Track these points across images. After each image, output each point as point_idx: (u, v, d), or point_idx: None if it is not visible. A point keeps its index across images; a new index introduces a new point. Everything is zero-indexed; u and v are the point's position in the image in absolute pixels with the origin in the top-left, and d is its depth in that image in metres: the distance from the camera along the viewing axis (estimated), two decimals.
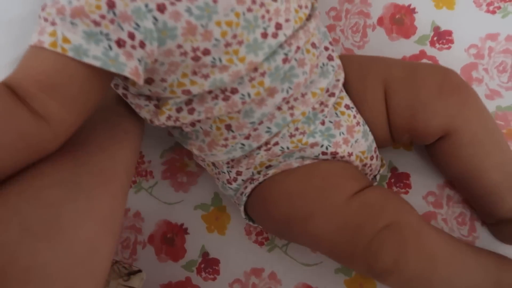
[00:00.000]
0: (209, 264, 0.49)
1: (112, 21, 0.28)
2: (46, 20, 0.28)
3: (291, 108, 0.39)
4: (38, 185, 0.28)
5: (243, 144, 0.39)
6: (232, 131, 0.38)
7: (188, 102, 0.36)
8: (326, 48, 0.43)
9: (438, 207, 0.48)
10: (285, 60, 0.36)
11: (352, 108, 0.43)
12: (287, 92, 0.37)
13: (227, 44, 0.33)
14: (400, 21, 0.54)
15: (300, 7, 0.38)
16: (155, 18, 0.29)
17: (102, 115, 0.37)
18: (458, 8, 0.53)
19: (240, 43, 0.33)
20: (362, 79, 0.44)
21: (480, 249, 0.42)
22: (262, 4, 0.33)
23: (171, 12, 0.29)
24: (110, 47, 0.28)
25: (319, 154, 0.41)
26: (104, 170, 0.33)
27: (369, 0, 0.55)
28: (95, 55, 0.28)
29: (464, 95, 0.42)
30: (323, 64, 0.41)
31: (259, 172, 0.42)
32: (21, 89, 0.28)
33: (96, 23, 0.28)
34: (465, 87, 0.43)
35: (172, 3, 0.29)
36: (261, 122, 0.38)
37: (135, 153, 0.39)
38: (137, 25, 0.29)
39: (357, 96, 0.44)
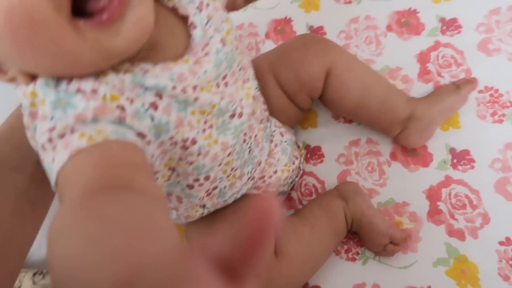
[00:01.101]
0: None
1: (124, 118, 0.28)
2: (61, 136, 0.25)
3: (253, 178, 0.46)
4: None
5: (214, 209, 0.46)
6: (207, 208, 0.46)
7: (178, 199, 0.41)
8: (265, 110, 0.49)
9: (349, 164, 0.55)
10: (250, 152, 0.43)
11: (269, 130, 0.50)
12: (252, 172, 0.45)
13: (205, 131, 0.35)
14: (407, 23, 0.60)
15: (244, 81, 0.42)
16: (152, 119, 0.30)
17: (12, 178, 0.32)
18: None
19: (210, 127, 0.36)
20: (258, 79, 0.50)
21: None
22: (223, 92, 0.37)
23: (162, 108, 0.30)
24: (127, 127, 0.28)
25: (247, 181, 0.46)
26: None
27: (372, 15, 0.62)
28: (132, 133, 0.27)
29: (323, 41, 0.52)
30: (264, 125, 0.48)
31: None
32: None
33: (121, 119, 0.27)
34: (322, 37, 0.53)
35: (155, 104, 0.30)
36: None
37: (37, 230, 0.35)
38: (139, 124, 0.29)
39: (262, 94, 0.51)
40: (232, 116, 0.39)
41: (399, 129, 0.51)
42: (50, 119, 0.26)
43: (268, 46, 0.65)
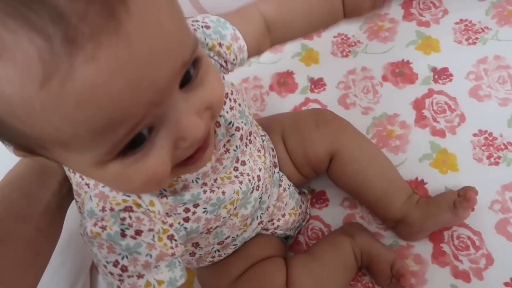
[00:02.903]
0: None
1: (176, 246, 0.35)
2: (131, 276, 0.32)
3: (261, 222, 0.49)
4: None
5: (224, 254, 0.49)
6: (219, 251, 0.48)
7: (192, 253, 0.45)
8: (273, 156, 0.52)
9: (353, 208, 0.57)
10: (259, 202, 0.46)
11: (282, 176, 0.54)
12: (261, 217, 0.48)
13: (231, 215, 0.41)
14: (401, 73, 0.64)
15: (259, 150, 0.46)
16: (186, 229, 0.37)
17: (18, 227, 0.34)
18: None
19: (236, 208, 0.41)
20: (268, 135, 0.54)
21: None
22: (242, 174, 0.41)
23: (193, 219, 0.37)
24: (179, 262, 0.35)
25: (256, 226, 0.48)
26: None
27: (368, 66, 0.66)
28: (180, 275, 0.35)
29: (336, 125, 0.54)
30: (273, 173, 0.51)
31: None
32: None
33: (174, 254, 0.34)
34: (336, 119, 0.55)
35: (194, 212, 0.37)
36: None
37: (38, 280, 0.36)
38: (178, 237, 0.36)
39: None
40: (252, 192, 0.43)
41: (391, 225, 0.52)
42: (117, 254, 0.32)
43: (272, 96, 0.70)
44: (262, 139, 0.49)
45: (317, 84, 0.68)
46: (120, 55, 0.20)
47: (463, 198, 0.47)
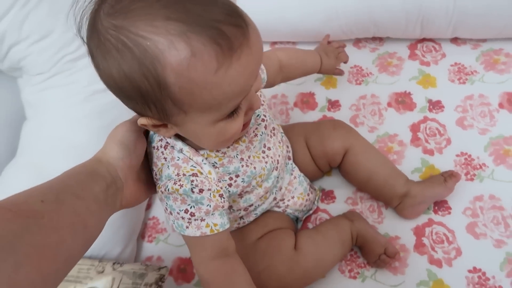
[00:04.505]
0: None
1: (224, 202, 0.49)
2: (196, 220, 0.47)
3: (275, 198, 0.63)
4: None
5: (247, 221, 0.63)
6: (243, 218, 0.62)
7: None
8: (288, 151, 0.67)
9: (355, 205, 0.71)
10: (277, 180, 0.60)
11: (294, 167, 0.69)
12: (275, 193, 0.62)
13: (258, 185, 0.55)
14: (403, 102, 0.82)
15: (279, 142, 0.60)
16: (229, 191, 0.52)
17: (72, 201, 0.38)
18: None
19: (263, 181, 0.56)
20: (290, 138, 0.70)
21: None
22: (267, 156, 0.56)
23: (234, 185, 0.52)
24: (226, 214, 0.50)
25: (272, 201, 0.62)
26: (47, 246, 0.34)
27: (376, 94, 0.82)
28: (227, 221, 0.49)
29: (347, 128, 0.70)
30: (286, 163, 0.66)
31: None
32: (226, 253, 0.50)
33: (224, 207, 0.49)
34: (347, 125, 0.71)
35: (235, 180, 0.51)
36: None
37: (83, 249, 0.40)
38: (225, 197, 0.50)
39: (291, 149, 0.70)
40: (272, 170, 0.58)
41: (397, 203, 0.66)
42: (187, 205, 0.47)
43: (296, 112, 0.85)
44: (281, 135, 0.65)
45: (333, 104, 0.83)
46: (249, 58, 0.37)
47: (451, 175, 0.65)
